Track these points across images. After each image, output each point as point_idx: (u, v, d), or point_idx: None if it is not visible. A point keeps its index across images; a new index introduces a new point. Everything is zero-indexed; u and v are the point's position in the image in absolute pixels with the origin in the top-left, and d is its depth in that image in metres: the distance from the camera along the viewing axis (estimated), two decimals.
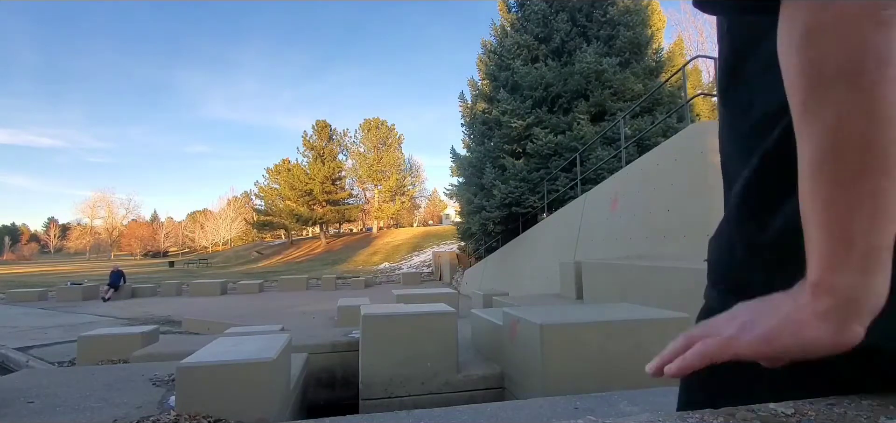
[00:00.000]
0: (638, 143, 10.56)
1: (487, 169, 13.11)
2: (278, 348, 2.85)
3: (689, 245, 5.66)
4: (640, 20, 13.11)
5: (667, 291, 4.55)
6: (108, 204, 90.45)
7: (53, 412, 2.75)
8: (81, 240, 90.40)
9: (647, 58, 13.14)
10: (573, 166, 11.09)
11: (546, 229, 10.48)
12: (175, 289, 16.58)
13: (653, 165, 6.74)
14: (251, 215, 58.68)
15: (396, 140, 52.01)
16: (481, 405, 2.46)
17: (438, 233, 41.12)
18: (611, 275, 5.72)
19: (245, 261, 48.25)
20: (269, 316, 9.20)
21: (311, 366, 4.23)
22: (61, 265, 57.46)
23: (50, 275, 33.84)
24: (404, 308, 4.00)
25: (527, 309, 3.86)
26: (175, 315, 10.38)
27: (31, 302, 14.46)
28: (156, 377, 3.40)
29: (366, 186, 52.25)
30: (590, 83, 12.14)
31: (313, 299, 12.82)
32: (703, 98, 13.09)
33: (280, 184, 49.48)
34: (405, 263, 30.70)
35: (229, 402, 2.53)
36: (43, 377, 3.57)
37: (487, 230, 14.77)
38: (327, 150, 48.99)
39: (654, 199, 6.55)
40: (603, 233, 7.80)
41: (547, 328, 3.10)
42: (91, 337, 4.93)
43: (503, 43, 14.49)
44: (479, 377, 3.78)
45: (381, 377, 3.54)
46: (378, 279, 21.46)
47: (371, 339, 3.62)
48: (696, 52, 21.54)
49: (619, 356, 3.14)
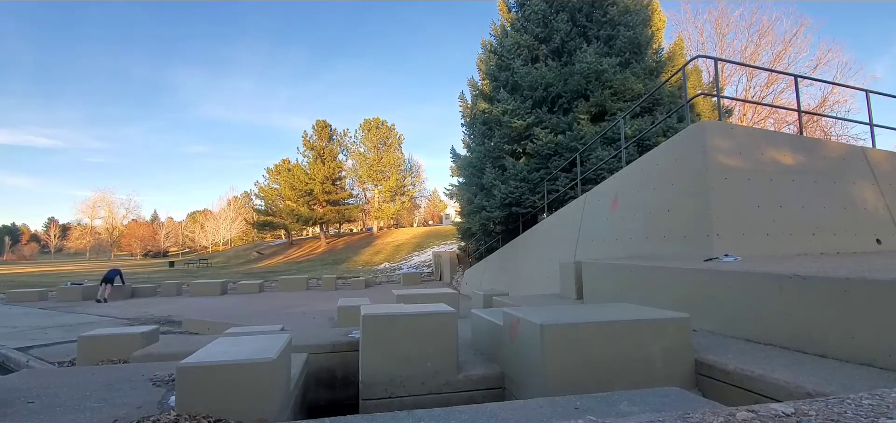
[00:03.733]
0: (638, 143, 10.56)
1: (487, 169, 13.11)
2: (278, 348, 2.85)
3: (689, 245, 5.66)
4: (640, 20, 13.10)
5: (667, 291, 4.55)
6: (108, 204, 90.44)
7: (53, 412, 2.75)
8: (81, 240, 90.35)
9: (647, 58, 13.13)
10: (573, 166, 11.09)
11: (546, 229, 10.48)
12: (175, 289, 16.58)
13: (653, 165, 6.74)
14: (251, 215, 58.68)
15: (396, 140, 51.99)
16: (481, 405, 2.46)
17: (439, 233, 41.11)
18: (611, 275, 5.71)
19: (245, 261, 48.25)
20: (270, 316, 9.20)
21: (311, 366, 4.23)
22: (61, 265, 57.46)
23: (50, 275, 33.84)
24: (404, 308, 4.00)
25: (527, 309, 3.85)
26: (175, 315, 10.38)
27: (31, 302, 14.46)
28: (156, 377, 3.40)
29: (366, 186, 52.23)
30: (590, 83, 12.13)
31: (313, 299, 12.82)
32: (703, 98, 13.08)
33: (280, 184, 49.47)
34: (406, 263, 30.70)
35: (229, 402, 2.53)
36: (43, 377, 3.56)
37: (488, 230, 14.77)
38: (327, 150, 48.97)
39: (654, 199, 6.54)
40: (603, 233, 7.80)
41: (547, 328, 3.10)
42: (91, 337, 4.93)
43: (503, 43, 14.48)
44: (479, 377, 3.78)
45: (381, 377, 3.54)
46: (378, 279, 21.45)
47: (371, 339, 3.61)
48: (696, 52, 21.55)
49: (619, 356, 3.14)
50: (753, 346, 3.46)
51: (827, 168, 6.32)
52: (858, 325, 2.89)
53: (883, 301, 2.76)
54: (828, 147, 6.87)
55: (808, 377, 2.64)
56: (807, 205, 5.91)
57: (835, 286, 3.04)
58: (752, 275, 3.70)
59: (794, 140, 6.53)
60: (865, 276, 2.92)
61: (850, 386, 2.44)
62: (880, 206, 6.51)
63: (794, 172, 6.03)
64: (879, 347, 2.77)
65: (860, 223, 6.20)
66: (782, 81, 21.45)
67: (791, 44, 22.94)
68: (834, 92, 21.45)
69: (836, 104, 21.59)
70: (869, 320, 2.83)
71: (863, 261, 4.31)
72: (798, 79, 7.42)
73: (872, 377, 2.59)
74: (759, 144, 6.06)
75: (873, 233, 6.27)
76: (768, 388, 2.68)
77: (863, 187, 6.49)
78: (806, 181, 6.04)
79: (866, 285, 2.86)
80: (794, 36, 22.94)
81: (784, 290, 3.38)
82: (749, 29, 23.55)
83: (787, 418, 0.38)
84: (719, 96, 6.57)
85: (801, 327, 3.24)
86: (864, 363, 2.83)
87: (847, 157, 6.67)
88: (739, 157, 5.78)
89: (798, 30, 22.98)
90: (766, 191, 5.74)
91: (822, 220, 5.94)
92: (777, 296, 3.43)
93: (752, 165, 5.80)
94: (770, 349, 3.33)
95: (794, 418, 0.38)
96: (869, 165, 6.73)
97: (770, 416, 0.38)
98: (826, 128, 20.81)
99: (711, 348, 3.45)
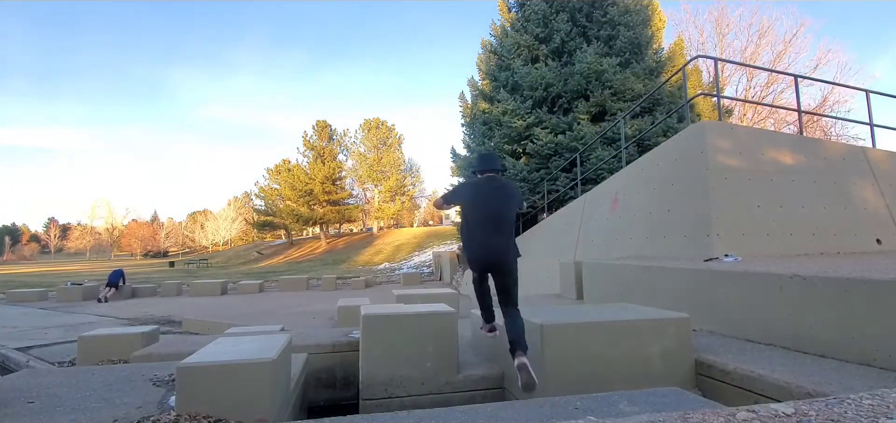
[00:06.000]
0: (638, 143, 10.56)
1: None
2: (278, 348, 2.85)
3: (689, 245, 5.66)
4: (640, 20, 13.10)
5: (667, 291, 4.54)
6: (107, 204, 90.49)
7: (53, 412, 2.75)
8: (81, 240, 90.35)
9: (647, 58, 13.13)
10: (573, 166, 11.08)
11: (546, 229, 10.47)
12: (175, 289, 16.56)
13: (653, 165, 6.74)
14: (251, 214, 58.61)
15: (396, 140, 51.96)
16: (481, 405, 2.46)
17: (439, 233, 41.12)
18: (611, 275, 5.71)
19: (245, 261, 48.25)
20: (270, 316, 9.19)
21: (311, 366, 4.23)
22: (61, 265, 57.46)
23: (50, 275, 33.83)
24: (404, 308, 4.00)
25: (527, 309, 3.85)
26: (175, 315, 10.37)
27: (31, 302, 14.45)
28: (156, 377, 3.40)
29: (366, 187, 52.21)
30: (590, 83, 12.13)
31: (313, 300, 12.81)
32: (703, 98, 13.09)
33: (280, 184, 49.44)
34: (406, 263, 30.71)
35: (229, 402, 2.53)
36: (43, 377, 3.56)
37: None
38: (327, 150, 48.94)
39: (654, 199, 6.54)
40: (603, 233, 7.80)
41: (547, 328, 3.10)
42: (91, 337, 4.92)
43: (503, 43, 14.48)
44: (479, 377, 3.78)
45: (381, 377, 3.54)
46: (378, 279, 21.43)
47: (371, 339, 3.61)
48: (696, 52, 21.54)
49: (619, 356, 3.14)
50: (753, 346, 3.46)
51: (827, 168, 6.32)
52: (858, 325, 2.89)
53: (883, 301, 2.76)
54: (828, 147, 6.87)
55: (808, 377, 2.64)
56: (807, 205, 5.91)
57: (835, 286, 3.04)
58: (752, 275, 3.70)
59: (794, 140, 6.53)
60: (865, 276, 2.92)
61: (850, 386, 2.44)
62: (880, 206, 6.51)
63: (795, 172, 6.03)
64: (879, 347, 2.77)
65: (860, 223, 6.20)
66: (782, 81, 21.45)
67: (791, 44, 22.97)
68: (834, 92, 21.45)
69: (836, 104, 21.60)
70: (869, 320, 2.83)
71: (863, 261, 4.30)
72: (798, 79, 7.42)
73: (872, 376, 2.59)
74: (759, 144, 6.06)
75: (873, 233, 6.26)
76: (768, 388, 2.68)
77: (863, 187, 6.49)
78: (806, 181, 6.04)
79: (866, 285, 2.86)
80: (794, 36, 22.97)
81: (784, 290, 3.38)
82: (749, 29, 23.58)
83: (787, 418, 0.38)
84: (719, 96, 6.57)
85: (802, 327, 3.24)
86: (864, 363, 2.83)
87: (847, 157, 6.66)
88: (739, 157, 5.78)
89: (798, 30, 23.01)
90: (766, 191, 5.73)
91: (822, 220, 5.94)
92: (777, 296, 3.42)
93: (752, 165, 5.80)
94: (770, 349, 3.33)
95: (794, 418, 0.38)
96: (869, 165, 6.73)
97: (770, 416, 0.38)
98: (826, 128, 20.80)
99: (711, 348, 3.45)
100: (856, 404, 0.42)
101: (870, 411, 0.39)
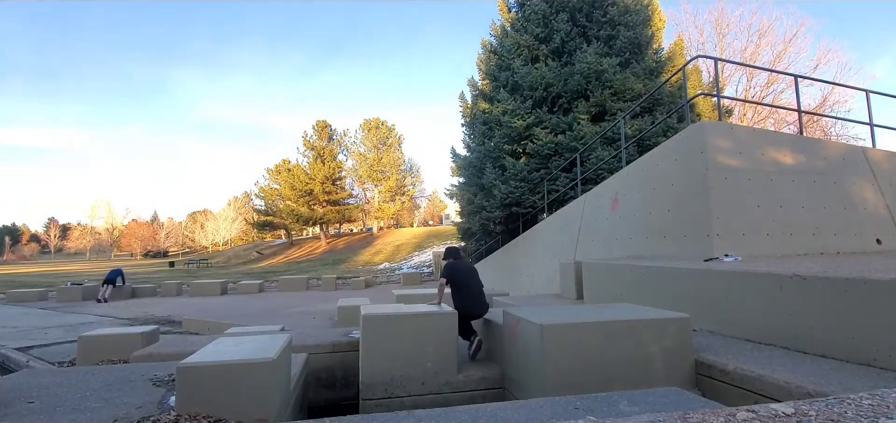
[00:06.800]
0: (638, 143, 10.55)
1: (488, 169, 13.10)
2: (278, 348, 2.85)
3: (689, 245, 5.66)
4: (640, 20, 13.10)
5: (667, 291, 4.55)
6: (107, 204, 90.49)
7: (53, 412, 2.75)
8: (81, 240, 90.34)
9: (647, 58, 13.13)
10: (573, 166, 11.08)
11: (546, 229, 10.47)
12: (175, 289, 16.56)
13: (653, 165, 6.74)
14: (251, 215, 58.60)
15: (396, 140, 51.97)
16: (481, 405, 2.46)
17: (439, 233, 41.14)
18: (611, 275, 5.71)
19: (245, 261, 48.26)
20: (270, 316, 9.20)
21: (312, 366, 4.23)
22: (61, 265, 57.46)
23: (50, 275, 33.84)
24: (404, 308, 4.00)
25: (527, 309, 3.86)
26: (175, 315, 10.37)
27: (31, 302, 14.46)
28: (156, 377, 3.40)
29: (366, 186, 52.21)
30: (590, 83, 12.13)
31: (313, 300, 12.82)
32: (704, 98, 13.08)
33: (280, 184, 49.44)
34: (406, 263, 30.71)
35: (229, 402, 2.53)
36: (43, 377, 3.56)
37: (488, 230, 14.76)
38: (327, 150, 48.95)
39: (654, 199, 6.54)
40: (603, 233, 7.80)
41: (547, 328, 3.10)
42: (91, 337, 4.93)
43: (503, 43, 14.48)
44: (479, 377, 3.78)
45: (381, 377, 3.54)
46: (378, 280, 21.44)
47: (371, 339, 3.61)
48: (696, 52, 21.54)
49: (619, 356, 3.14)
50: (753, 346, 3.46)
51: (827, 168, 6.32)
52: (858, 325, 2.89)
53: (883, 301, 2.76)
54: (828, 147, 6.86)
55: (808, 377, 2.64)
56: (807, 205, 5.91)
57: (835, 286, 3.04)
58: (752, 275, 3.70)
59: (794, 140, 6.53)
60: (865, 276, 2.92)
61: (850, 386, 2.44)
62: (880, 206, 6.51)
63: (795, 172, 6.03)
64: (879, 347, 2.77)
65: (860, 223, 6.20)
66: (782, 81, 21.44)
67: (791, 44, 22.95)
68: (834, 92, 21.44)
69: (836, 104, 21.59)
70: (869, 320, 2.83)
71: (863, 261, 4.31)
72: (798, 79, 7.42)
73: (872, 377, 2.59)
74: (759, 144, 6.06)
75: (873, 233, 6.26)
76: (768, 388, 2.67)
77: (863, 187, 6.49)
78: (806, 181, 6.04)
79: (866, 285, 2.86)
80: (794, 36, 22.95)
81: (784, 290, 3.37)
82: (749, 29, 23.56)
83: (787, 418, 0.38)
84: (719, 96, 6.57)
85: (802, 327, 3.24)
86: (864, 363, 2.83)
87: (847, 157, 6.66)
88: (739, 157, 5.78)
89: (798, 30, 22.99)
90: (766, 191, 5.73)
91: (822, 220, 5.94)
92: (777, 296, 3.42)
93: (752, 165, 5.80)
94: (770, 349, 3.33)
95: (794, 418, 0.38)
96: (869, 165, 6.73)
97: (770, 416, 0.38)
98: (826, 128, 20.80)
99: (711, 348, 3.45)
100: (856, 404, 0.42)
101: (870, 411, 0.39)
